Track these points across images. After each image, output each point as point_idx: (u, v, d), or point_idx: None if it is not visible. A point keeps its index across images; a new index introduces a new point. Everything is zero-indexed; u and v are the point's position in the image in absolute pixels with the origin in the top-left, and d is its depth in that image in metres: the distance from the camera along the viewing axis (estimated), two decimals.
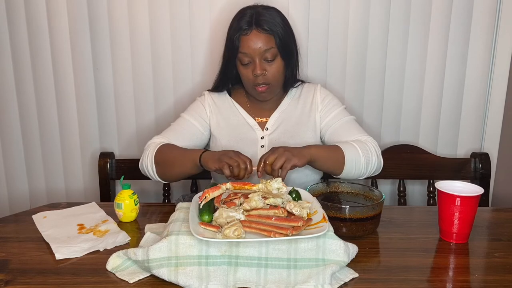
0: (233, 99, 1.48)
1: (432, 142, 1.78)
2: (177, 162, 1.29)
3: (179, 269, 0.89)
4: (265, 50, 1.31)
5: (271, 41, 1.31)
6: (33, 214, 1.21)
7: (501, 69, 1.72)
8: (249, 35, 1.30)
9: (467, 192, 1.05)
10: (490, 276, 0.94)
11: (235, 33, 1.32)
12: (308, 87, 1.50)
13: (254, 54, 1.31)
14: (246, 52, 1.31)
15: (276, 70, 1.34)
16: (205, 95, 1.50)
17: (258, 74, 1.32)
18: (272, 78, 1.34)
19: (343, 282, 0.89)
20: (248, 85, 1.37)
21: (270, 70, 1.33)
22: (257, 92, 1.36)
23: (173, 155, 1.31)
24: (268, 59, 1.32)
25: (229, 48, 1.35)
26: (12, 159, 1.80)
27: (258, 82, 1.33)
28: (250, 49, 1.30)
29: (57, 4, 1.65)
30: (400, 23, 1.67)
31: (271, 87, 1.36)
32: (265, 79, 1.33)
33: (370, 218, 1.07)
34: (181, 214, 1.04)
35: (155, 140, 1.39)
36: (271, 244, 0.91)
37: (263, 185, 1.04)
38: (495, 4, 1.67)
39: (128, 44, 1.69)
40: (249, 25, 1.31)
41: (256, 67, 1.31)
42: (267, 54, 1.31)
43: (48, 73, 1.72)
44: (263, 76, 1.33)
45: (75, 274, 0.92)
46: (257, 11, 1.34)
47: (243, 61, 1.33)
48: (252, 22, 1.31)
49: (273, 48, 1.32)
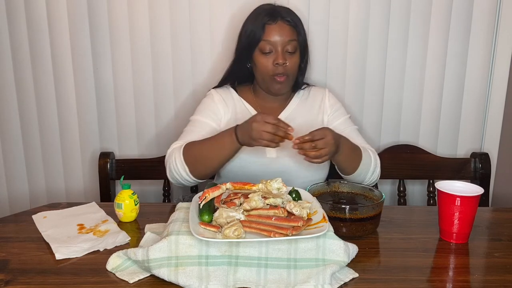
0: (240, 97, 1.48)
1: (432, 142, 1.78)
2: (212, 153, 1.25)
3: (179, 269, 0.89)
4: (289, 41, 1.34)
5: (294, 33, 1.36)
6: (33, 214, 1.21)
7: (501, 69, 1.72)
8: (275, 25, 1.34)
9: (467, 192, 1.05)
10: (490, 276, 0.94)
11: (258, 22, 1.35)
12: (316, 90, 1.52)
13: (278, 44, 1.33)
14: (270, 40, 1.33)
15: (295, 63, 1.37)
16: (212, 93, 1.49)
17: (280, 63, 1.33)
18: (290, 70, 1.36)
19: (343, 282, 0.89)
20: (266, 75, 1.37)
21: (290, 62, 1.35)
22: (275, 82, 1.37)
23: (204, 148, 1.27)
24: (289, 50, 1.35)
25: (249, 38, 1.36)
26: (12, 159, 1.80)
27: (279, 72, 1.35)
28: (275, 37, 1.33)
29: (57, 4, 1.65)
30: (400, 23, 1.67)
31: (288, 80, 1.38)
32: (285, 69, 1.35)
33: (370, 218, 1.07)
34: (181, 214, 1.04)
35: (173, 146, 1.34)
36: (271, 244, 0.91)
37: (263, 185, 1.04)
38: (495, 4, 1.67)
39: (128, 44, 1.69)
40: (274, 15, 1.35)
41: (278, 56, 1.33)
42: (288, 46, 1.34)
43: (48, 73, 1.72)
44: (283, 67, 1.34)
45: (75, 274, 0.92)
46: (279, 6, 1.40)
47: (265, 49, 1.34)
48: (277, 14, 1.35)
49: (295, 41, 1.36)
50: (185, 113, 1.75)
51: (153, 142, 1.78)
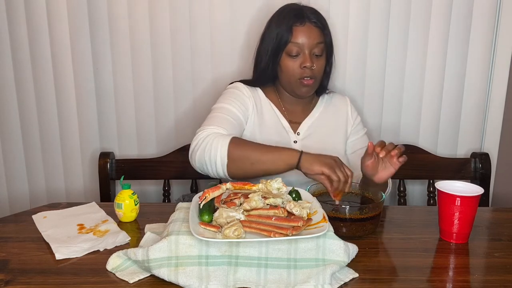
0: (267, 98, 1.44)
1: (432, 142, 1.78)
2: (266, 161, 1.18)
3: (179, 269, 0.89)
4: (317, 43, 1.32)
5: (321, 36, 1.34)
6: (33, 214, 1.21)
7: (501, 69, 1.72)
8: (303, 27, 1.31)
9: (467, 192, 1.05)
10: (490, 276, 0.94)
11: (285, 24, 1.32)
12: (339, 98, 1.51)
13: (306, 46, 1.31)
14: (298, 43, 1.31)
15: (321, 66, 1.36)
16: (239, 86, 1.42)
17: (308, 66, 1.31)
18: (317, 73, 1.35)
19: (343, 282, 0.89)
20: (293, 78, 1.34)
21: (317, 65, 1.33)
22: (302, 85, 1.34)
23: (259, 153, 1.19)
24: (316, 53, 1.33)
25: (276, 40, 1.33)
26: (12, 159, 1.80)
27: (306, 75, 1.32)
28: (303, 40, 1.31)
29: (57, 4, 1.65)
30: (400, 23, 1.67)
31: (315, 83, 1.36)
32: (312, 72, 1.33)
33: (370, 218, 1.07)
34: (181, 214, 1.04)
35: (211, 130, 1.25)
36: (271, 244, 0.91)
37: (263, 185, 1.04)
38: (495, 4, 1.66)
39: (128, 44, 1.69)
40: (302, 17, 1.32)
41: (306, 59, 1.31)
42: (316, 49, 1.32)
43: (48, 73, 1.72)
44: (311, 70, 1.32)
45: (75, 274, 0.92)
46: (306, 7, 1.37)
47: (292, 52, 1.32)
48: (304, 16, 1.32)
49: (323, 44, 1.34)
50: (185, 113, 1.75)
51: (153, 142, 1.78)
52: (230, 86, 1.45)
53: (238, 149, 1.20)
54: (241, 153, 1.19)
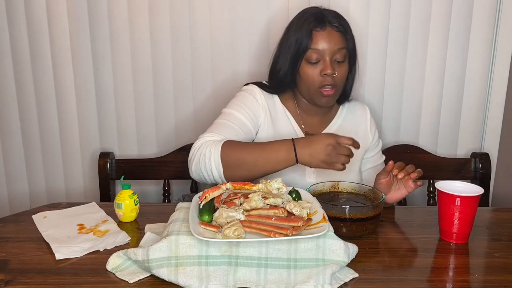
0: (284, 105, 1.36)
1: (432, 142, 1.78)
2: (260, 164, 1.15)
3: (179, 269, 0.89)
4: (338, 49, 1.25)
5: (343, 41, 1.26)
6: (33, 214, 1.21)
7: (501, 69, 1.72)
8: (323, 32, 1.24)
9: (467, 192, 1.05)
10: (490, 276, 0.94)
11: (305, 29, 1.24)
12: (359, 108, 1.44)
13: (326, 52, 1.24)
14: (319, 49, 1.24)
15: (344, 73, 1.28)
16: (254, 90, 1.34)
17: (329, 74, 1.23)
18: (339, 81, 1.27)
19: (343, 282, 0.89)
20: (312, 87, 1.27)
21: (339, 72, 1.25)
22: (322, 95, 1.27)
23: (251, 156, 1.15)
24: (338, 60, 1.25)
25: (295, 46, 1.25)
26: (12, 159, 1.80)
27: (327, 83, 1.25)
28: (323, 46, 1.23)
29: (57, 4, 1.65)
30: (400, 23, 1.67)
31: (336, 92, 1.28)
32: (334, 80, 1.25)
33: (370, 218, 1.07)
34: (181, 214, 1.04)
35: (206, 138, 1.23)
36: (271, 244, 0.91)
37: (263, 185, 1.04)
38: (495, 4, 1.66)
39: (128, 44, 1.69)
40: (322, 21, 1.25)
41: (327, 66, 1.24)
42: (337, 55, 1.25)
43: (48, 73, 1.72)
44: (332, 78, 1.25)
45: (75, 274, 0.92)
46: (326, 10, 1.29)
47: (312, 59, 1.24)
48: (325, 20, 1.25)
49: (345, 49, 1.26)
50: (185, 113, 1.75)
51: (153, 142, 1.78)
52: (245, 89, 1.37)
53: (231, 154, 1.16)
54: (235, 159, 1.16)
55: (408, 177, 1.17)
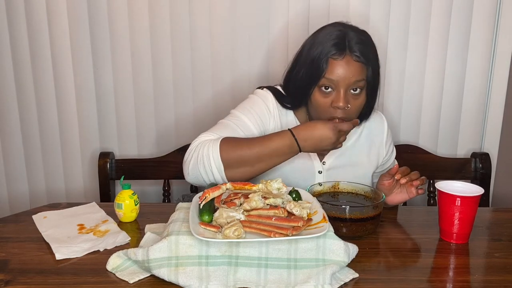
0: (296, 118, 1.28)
1: (432, 142, 1.78)
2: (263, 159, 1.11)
3: (179, 269, 0.89)
4: (356, 81, 1.13)
5: (363, 72, 1.14)
6: (33, 214, 1.21)
7: (501, 69, 1.72)
8: (341, 61, 1.12)
9: (467, 192, 1.05)
10: (490, 276, 0.94)
11: (323, 54, 1.13)
12: (376, 121, 1.34)
13: (342, 83, 1.13)
14: (333, 79, 1.13)
15: (359, 105, 1.17)
16: (268, 97, 1.26)
17: (341, 107, 1.13)
18: (353, 113, 1.17)
19: (343, 282, 0.89)
20: (322, 114, 1.18)
21: (354, 104, 1.16)
22: None
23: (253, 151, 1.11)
24: (354, 92, 1.15)
25: (312, 69, 1.15)
26: (12, 159, 1.80)
27: (337, 115, 1.15)
28: (339, 77, 1.12)
29: (57, 4, 1.65)
30: (400, 23, 1.67)
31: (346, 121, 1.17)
32: (346, 113, 1.15)
33: (370, 218, 1.07)
34: (181, 214, 1.04)
35: (203, 138, 1.17)
36: (271, 244, 0.91)
37: (263, 185, 1.04)
38: (495, 4, 1.67)
39: (128, 44, 1.69)
40: (341, 48, 1.12)
41: (340, 98, 1.13)
42: (355, 86, 1.14)
43: (48, 73, 1.72)
44: (343, 110, 1.15)
45: (75, 274, 0.92)
46: (350, 32, 1.15)
47: (325, 87, 1.15)
48: (345, 46, 1.13)
49: (363, 81, 1.15)
50: (185, 113, 1.75)
51: (153, 142, 1.78)
52: (259, 93, 1.28)
53: (232, 151, 1.12)
54: (236, 155, 1.12)
55: (410, 183, 1.17)
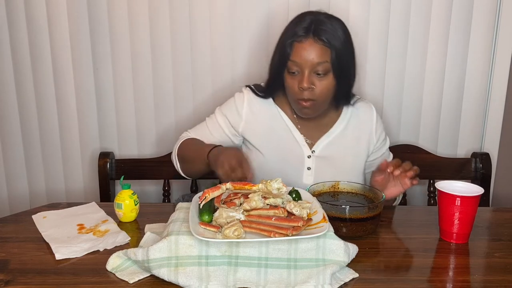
0: (278, 106, 1.34)
1: (432, 142, 1.78)
2: (194, 160, 1.28)
3: (179, 269, 0.89)
4: (318, 63, 1.18)
5: (326, 54, 1.19)
6: (33, 214, 1.21)
7: (501, 69, 1.72)
8: (303, 43, 1.18)
9: (467, 192, 1.05)
10: (490, 276, 0.94)
11: (288, 38, 1.21)
12: (364, 109, 1.37)
13: (304, 65, 1.19)
14: (296, 61, 1.19)
15: (325, 87, 1.21)
16: (244, 95, 1.34)
17: (304, 88, 1.20)
18: (319, 95, 1.22)
19: (343, 282, 0.89)
20: (292, 97, 1.26)
21: (319, 86, 1.21)
22: (301, 106, 1.24)
23: (191, 152, 1.27)
24: (319, 72, 1.20)
25: (280, 53, 1.23)
26: (12, 159, 1.80)
27: (303, 97, 1.21)
28: (301, 59, 1.18)
29: (57, 4, 1.65)
30: (400, 23, 1.67)
31: (316, 104, 1.24)
32: (311, 94, 1.21)
33: (370, 218, 1.07)
34: (181, 214, 1.04)
35: (184, 135, 1.39)
36: (271, 244, 0.91)
37: (263, 185, 1.04)
38: (495, 4, 1.66)
39: (128, 44, 1.69)
40: (306, 31, 1.19)
41: (303, 79, 1.19)
42: (318, 68, 1.19)
43: (48, 73, 1.72)
44: (309, 91, 1.20)
45: (75, 274, 0.92)
46: (318, 18, 1.21)
47: (291, 69, 1.21)
48: (310, 29, 1.19)
49: (327, 63, 1.19)
50: (185, 113, 1.75)
51: (153, 142, 1.78)
52: (236, 96, 1.37)
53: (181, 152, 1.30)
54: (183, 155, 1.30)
55: (404, 174, 1.17)
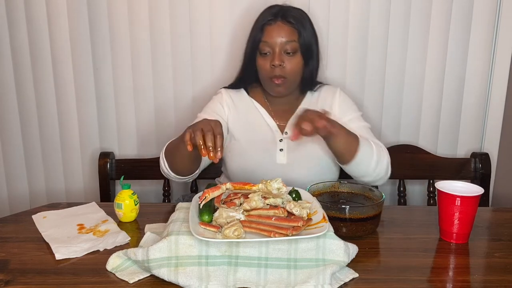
0: (252, 98, 1.46)
1: (432, 142, 1.78)
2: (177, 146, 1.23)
3: (179, 269, 0.89)
4: (287, 41, 1.32)
5: (294, 34, 1.33)
6: (33, 214, 1.21)
7: (501, 69, 1.72)
8: (273, 25, 1.33)
9: (467, 192, 1.05)
10: (490, 276, 0.94)
11: (259, 23, 1.35)
12: (327, 90, 1.48)
13: (275, 44, 1.32)
14: (268, 41, 1.33)
15: (294, 65, 1.35)
16: (222, 93, 1.48)
17: (276, 65, 1.32)
18: (289, 72, 1.34)
19: (343, 282, 0.89)
20: (265, 77, 1.37)
21: (289, 64, 1.34)
22: (273, 84, 1.36)
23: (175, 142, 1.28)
24: (288, 51, 1.33)
25: (252, 39, 1.37)
26: (12, 159, 1.80)
27: (275, 74, 1.33)
28: (272, 39, 1.32)
29: (57, 4, 1.65)
30: (400, 23, 1.67)
31: (287, 82, 1.36)
32: (282, 71, 1.33)
33: (370, 218, 1.07)
34: (181, 214, 1.04)
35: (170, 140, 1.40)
36: (271, 244, 0.91)
37: (263, 185, 1.04)
38: (495, 4, 1.66)
39: (128, 44, 1.69)
40: (275, 16, 1.34)
41: (275, 57, 1.32)
42: (287, 46, 1.32)
43: (48, 73, 1.72)
44: (280, 68, 1.33)
45: (75, 274, 0.92)
46: (285, 7, 1.39)
47: (263, 50, 1.34)
48: (278, 14, 1.34)
49: (295, 42, 1.33)
50: (185, 113, 1.75)
51: (153, 142, 1.78)
52: (215, 96, 1.50)
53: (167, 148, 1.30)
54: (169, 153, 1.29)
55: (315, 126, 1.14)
